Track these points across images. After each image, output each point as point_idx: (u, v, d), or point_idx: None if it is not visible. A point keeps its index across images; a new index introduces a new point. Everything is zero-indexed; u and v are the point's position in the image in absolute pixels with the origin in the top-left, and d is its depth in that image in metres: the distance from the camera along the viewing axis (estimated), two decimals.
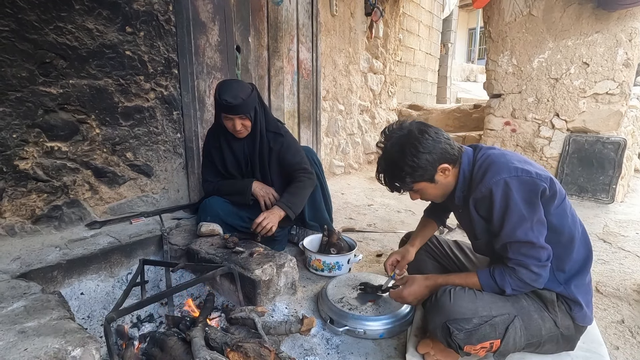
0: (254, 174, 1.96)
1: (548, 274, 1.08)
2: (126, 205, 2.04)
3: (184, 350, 1.11)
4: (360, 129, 4.54)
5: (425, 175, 1.15)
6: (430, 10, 7.44)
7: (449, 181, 1.19)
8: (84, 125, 1.80)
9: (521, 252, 1.06)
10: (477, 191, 1.12)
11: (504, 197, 1.06)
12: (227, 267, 1.45)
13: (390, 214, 3.01)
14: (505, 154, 1.16)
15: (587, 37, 3.31)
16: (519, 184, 1.05)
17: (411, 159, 1.11)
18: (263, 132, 1.89)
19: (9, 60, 1.53)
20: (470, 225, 1.22)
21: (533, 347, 1.14)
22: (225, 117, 1.78)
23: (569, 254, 1.11)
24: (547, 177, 1.08)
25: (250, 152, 1.92)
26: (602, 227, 2.75)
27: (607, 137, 3.34)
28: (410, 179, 1.15)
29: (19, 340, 0.95)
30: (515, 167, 1.08)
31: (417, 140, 1.12)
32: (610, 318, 1.58)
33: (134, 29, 1.89)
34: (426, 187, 1.19)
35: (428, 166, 1.13)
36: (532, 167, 1.10)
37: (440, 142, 1.13)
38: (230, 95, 1.69)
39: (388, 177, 1.20)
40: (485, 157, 1.15)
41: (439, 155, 1.13)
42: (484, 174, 1.11)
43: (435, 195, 1.24)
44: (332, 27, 3.65)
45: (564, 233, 1.10)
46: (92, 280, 1.59)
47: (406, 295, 1.27)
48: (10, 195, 1.62)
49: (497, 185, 1.06)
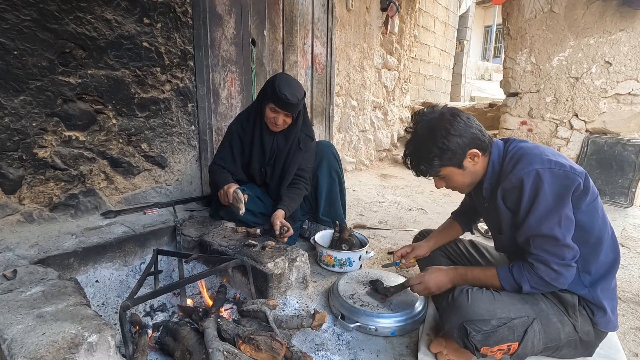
0: (275, 168, 1.96)
1: (572, 275, 1.05)
2: (140, 196, 2.06)
3: (197, 340, 1.11)
4: (372, 126, 4.51)
5: (454, 159, 1.11)
6: (446, 7, 7.32)
7: (477, 169, 1.16)
8: (101, 115, 1.82)
9: (544, 247, 1.03)
10: (507, 181, 1.08)
11: (533, 188, 1.03)
12: (239, 260, 1.45)
13: (402, 212, 2.98)
14: (539, 146, 1.12)
15: (610, 36, 3.21)
16: (551, 176, 1.02)
17: (441, 141, 1.09)
18: (298, 132, 1.91)
19: (30, 50, 1.55)
20: (496, 218, 1.18)
21: (550, 351, 1.12)
22: (273, 108, 1.77)
23: (596, 255, 1.07)
24: (582, 172, 1.05)
25: (281, 147, 1.92)
26: (620, 231, 2.68)
27: (627, 139, 3.25)
28: (438, 161, 1.12)
29: (37, 324, 0.97)
30: (548, 159, 1.04)
31: (449, 122, 1.10)
32: (629, 324, 1.54)
33: (151, 20, 1.90)
34: (453, 173, 1.15)
35: (458, 149, 1.10)
36: (566, 160, 1.07)
37: (472, 127, 1.11)
38: (290, 92, 1.71)
39: (415, 159, 1.17)
40: (518, 149, 1.12)
41: (469, 139, 1.10)
42: (515, 164, 1.08)
43: (462, 184, 1.20)
44: (347, 21, 3.61)
45: (593, 232, 1.07)
46: (106, 269, 1.61)
47: (428, 280, 1.26)
48: (29, 182, 1.65)
49: (529, 176, 1.03)
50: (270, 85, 1.75)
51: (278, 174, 1.96)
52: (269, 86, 1.76)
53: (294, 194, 1.89)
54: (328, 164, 2.12)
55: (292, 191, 1.90)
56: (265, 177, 1.99)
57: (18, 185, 1.62)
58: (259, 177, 2.00)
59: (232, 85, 2.43)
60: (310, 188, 2.03)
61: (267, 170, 1.97)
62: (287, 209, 1.81)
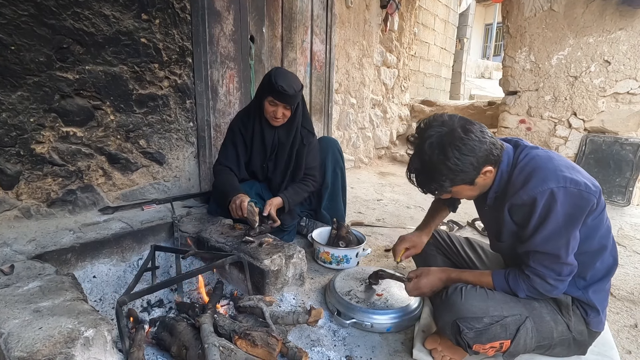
0: (277, 162, 1.96)
1: (566, 286, 1.05)
2: (138, 192, 2.06)
3: (193, 336, 1.12)
4: (371, 123, 4.50)
5: (467, 179, 1.05)
6: (446, 4, 7.29)
7: (487, 183, 1.11)
8: (99, 111, 1.82)
9: (543, 263, 1.03)
10: (517, 197, 1.03)
11: (545, 207, 0.99)
12: (236, 256, 1.46)
13: (400, 210, 2.99)
14: (552, 157, 1.05)
15: (609, 35, 3.21)
16: (565, 197, 0.97)
17: (454, 162, 1.00)
18: (299, 126, 1.92)
19: (28, 45, 1.55)
20: (497, 225, 1.16)
21: (543, 349, 1.13)
22: (271, 101, 1.78)
23: (593, 263, 1.08)
24: (597, 190, 1.00)
25: (283, 141, 1.93)
26: (617, 230, 2.69)
27: (625, 138, 3.25)
28: (449, 183, 1.05)
29: (34, 319, 0.97)
30: (564, 177, 0.98)
31: (461, 140, 1.00)
32: (623, 322, 1.55)
33: (149, 16, 1.89)
34: (463, 190, 1.10)
35: (471, 170, 1.03)
36: (580, 175, 1.01)
37: (485, 143, 1.02)
38: (286, 83, 1.73)
39: (424, 179, 1.09)
40: (529, 160, 1.06)
41: (483, 157, 1.02)
42: (527, 180, 1.02)
43: (471, 196, 1.16)
44: (347, 19, 3.60)
45: (594, 242, 1.06)
46: (104, 264, 1.61)
47: (423, 285, 1.26)
48: (27, 178, 1.65)
49: (542, 195, 0.98)
50: (267, 79, 1.77)
51: (281, 168, 1.97)
52: (266, 80, 1.79)
53: (299, 188, 1.92)
54: (333, 159, 2.14)
55: (299, 185, 1.93)
56: (267, 173, 2.00)
57: (15, 181, 1.62)
58: (261, 172, 2.00)
59: (230, 82, 2.42)
60: (318, 185, 2.05)
61: (268, 166, 1.98)
62: (286, 199, 1.83)
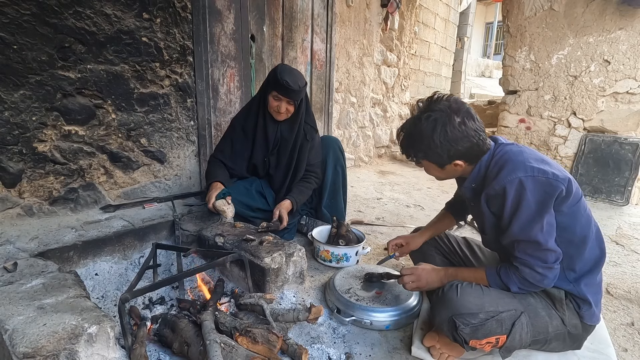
0: (279, 157, 1.98)
1: (556, 276, 1.08)
2: (139, 190, 2.07)
3: (195, 333, 1.14)
4: (371, 122, 4.51)
5: (438, 161, 1.16)
6: (447, 3, 7.28)
7: (457, 171, 1.20)
8: (101, 110, 1.83)
9: (527, 252, 1.06)
10: (491, 188, 1.10)
11: (516, 196, 1.05)
12: (237, 254, 1.47)
13: (399, 208, 3.00)
14: (523, 151, 1.13)
15: (609, 34, 3.22)
16: (534, 184, 1.04)
17: (435, 142, 1.10)
18: (302, 122, 1.94)
19: (30, 44, 1.56)
20: (480, 219, 1.22)
21: (539, 345, 1.15)
22: (276, 96, 1.80)
23: (580, 253, 1.10)
24: (564, 178, 1.05)
25: (286, 136, 1.95)
26: (615, 229, 2.70)
27: (625, 137, 3.26)
28: (422, 155, 1.17)
29: (38, 315, 0.98)
30: (531, 167, 1.05)
31: (452, 129, 1.09)
32: (619, 320, 1.56)
33: (150, 15, 1.90)
34: (431, 167, 1.21)
35: (445, 157, 1.13)
36: (549, 167, 1.07)
37: (471, 141, 1.11)
38: (291, 79, 1.75)
39: (406, 141, 1.21)
40: (502, 154, 1.13)
41: (462, 152, 1.12)
42: (499, 171, 1.09)
43: (438, 177, 1.26)
44: (347, 17, 3.61)
45: (575, 232, 1.09)
46: (106, 262, 1.63)
47: (420, 274, 1.28)
48: (29, 176, 1.66)
49: (511, 184, 1.05)
50: (272, 74, 1.80)
51: (283, 163, 1.98)
52: (271, 75, 1.81)
53: (304, 187, 1.95)
54: (334, 158, 2.15)
55: (303, 184, 1.96)
56: (268, 168, 2.01)
57: (18, 179, 1.63)
58: (262, 167, 2.01)
59: (231, 80, 2.43)
60: (319, 182, 2.07)
61: (270, 160, 1.99)
62: (294, 201, 1.87)
